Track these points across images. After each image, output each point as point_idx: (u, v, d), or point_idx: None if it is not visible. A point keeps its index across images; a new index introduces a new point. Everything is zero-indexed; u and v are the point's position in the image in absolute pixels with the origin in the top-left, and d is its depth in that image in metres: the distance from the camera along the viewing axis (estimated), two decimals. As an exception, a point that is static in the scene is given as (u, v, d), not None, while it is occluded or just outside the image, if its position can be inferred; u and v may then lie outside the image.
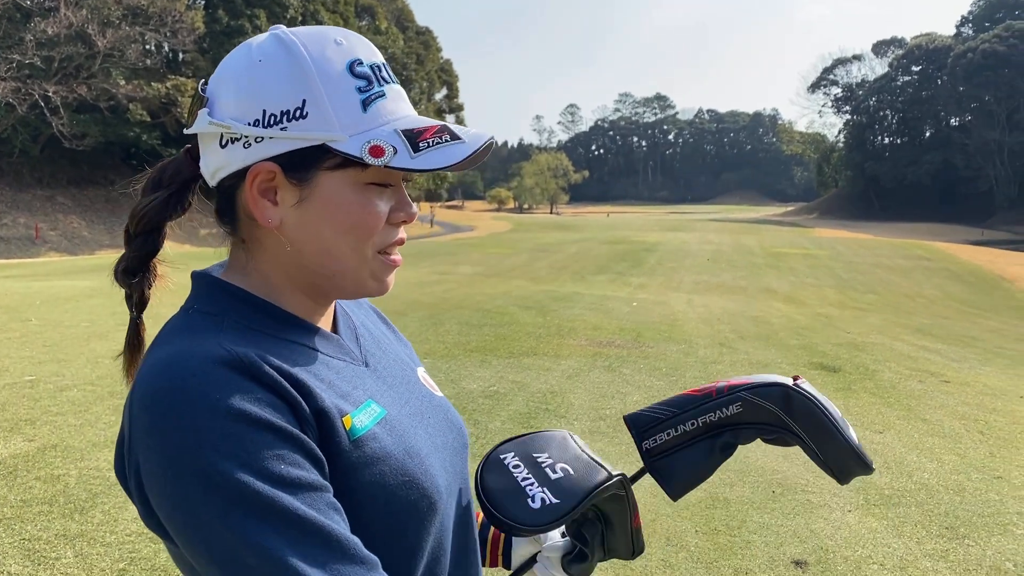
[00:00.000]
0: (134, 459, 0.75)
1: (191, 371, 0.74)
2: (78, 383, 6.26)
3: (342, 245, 0.85)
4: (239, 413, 0.72)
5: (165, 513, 0.73)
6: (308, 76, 0.81)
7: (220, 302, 0.86)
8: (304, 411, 0.78)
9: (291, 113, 0.80)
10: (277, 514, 0.70)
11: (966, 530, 3.99)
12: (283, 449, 0.74)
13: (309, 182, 0.83)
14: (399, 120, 0.84)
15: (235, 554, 0.69)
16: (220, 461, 0.70)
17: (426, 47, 56.67)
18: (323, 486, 0.76)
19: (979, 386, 7.47)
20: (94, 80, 30.75)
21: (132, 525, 3.71)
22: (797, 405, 1.00)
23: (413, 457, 0.86)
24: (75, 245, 30.22)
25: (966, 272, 23.54)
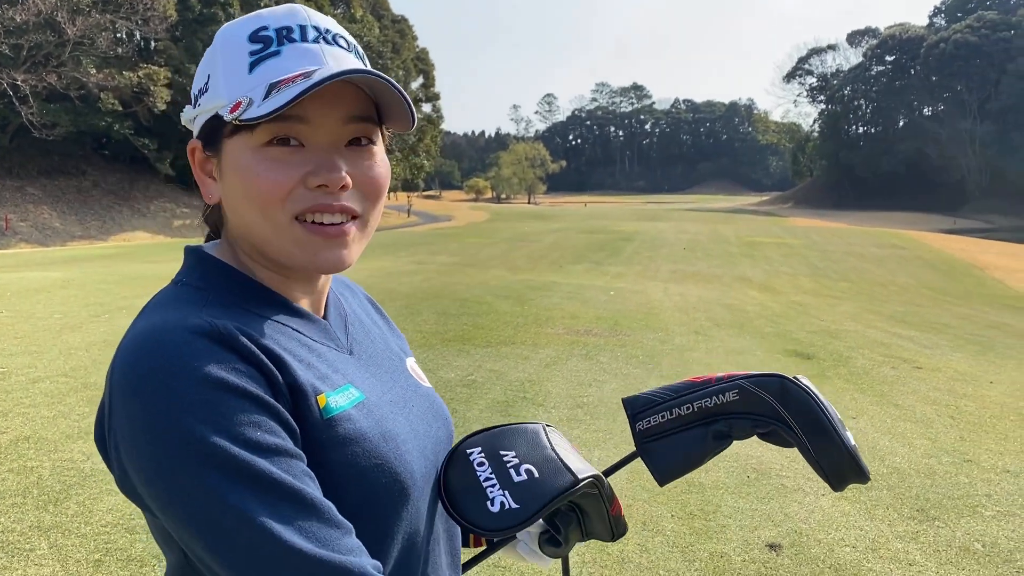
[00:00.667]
0: (114, 426, 0.75)
1: (170, 340, 0.75)
2: (51, 375, 6.19)
3: (252, 212, 0.83)
4: (216, 380, 0.73)
5: (143, 478, 0.73)
6: (214, 52, 0.86)
7: (208, 277, 0.87)
8: (279, 383, 0.78)
9: (203, 88, 0.86)
10: (253, 477, 0.71)
11: (936, 512, 4.06)
12: (259, 416, 0.74)
13: (219, 152, 0.85)
14: (283, 73, 0.80)
15: (211, 516, 0.70)
16: (197, 426, 0.70)
17: (402, 36, 56.30)
18: (298, 454, 0.76)
19: (950, 372, 7.59)
20: (64, 69, 30.26)
21: (107, 516, 3.69)
22: (794, 397, 0.99)
23: (389, 442, 0.85)
24: (46, 236, 29.80)
25: (938, 260, 23.84)
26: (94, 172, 35.77)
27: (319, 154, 0.82)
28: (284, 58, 0.81)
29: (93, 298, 10.33)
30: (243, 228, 0.86)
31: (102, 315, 8.99)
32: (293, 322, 0.89)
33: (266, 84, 0.79)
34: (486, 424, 5.33)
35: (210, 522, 0.70)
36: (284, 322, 0.87)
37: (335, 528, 0.74)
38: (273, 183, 0.80)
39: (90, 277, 13.10)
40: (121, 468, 0.76)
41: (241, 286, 0.87)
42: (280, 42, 0.82)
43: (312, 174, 0.81)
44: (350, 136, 0.84)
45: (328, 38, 0.85)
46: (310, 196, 0.82)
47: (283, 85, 0.78)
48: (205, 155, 0.87)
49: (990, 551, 3.64)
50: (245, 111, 0.78)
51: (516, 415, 5.46)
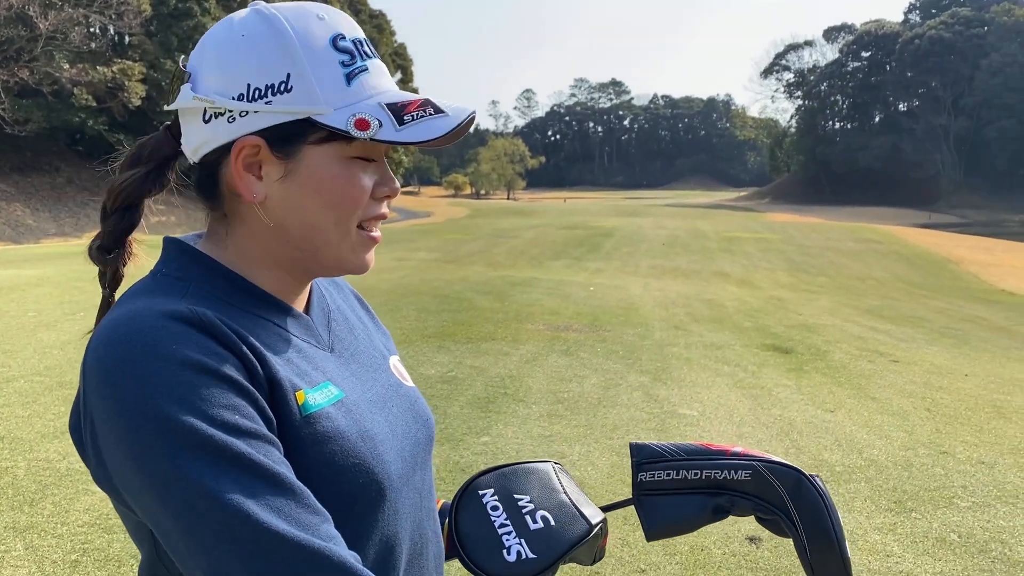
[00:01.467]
0: (88, 412, 0.74)
1: (146, 325, 0.74)
2: (25, 374, 6.11)
3: (326, 219, 0.85)
4: (194, 363, 0.72)
5: (117, 462, 0.72)
6: (292, 50, 0.81)
7: (188, 269, 0.86)
8: (259, 374, 0.78)
9: (276, 87, 0.80)
10: (230, 459, 0.70)
11: (913, 504, 4.11)
12: (237, 400, 0.73)
13: (294, 156, 0.83)
14: (382, 94, 0.84)
15: (187, 499, 0.68)
16: (173, 407, 0.69)
17: (380, 31, 56.06)
18: (275, 441, 0.75)
19: (926, 365, 7.68)
20: (36, 64, 29.84)
21: (84, 516, 3.64)
22: (806, 496, 0.98)
23: (367, 441, 0.84)
24: (19, 233, 29.42)
25: (914, 255, 24.11)
26: (68, 168, 35.33)
27: (382, 168, 0.89)
28: (373, 75, 0.85)
29: (68, 296, 10.21)
30: (301, 232, 0.86)
31: (77, 313, 8.88)
32: (274, 317, 0.88)
33: (378, 103, 0.82)
34: (467, 420, 5.32)
35: (186, 504, 0.68)
36: (265, 316, 0.86)
37: (315, 514, 0.73)
38: (361, 193, 0.85)
39: (64, 275, 12.94)
40: (97, 456, 0.74)
41: (223, 279, 0.86)
42: (361, 56, 0.85)
43: (382, 184, 0.88)
44: (391, 150, 0.90)
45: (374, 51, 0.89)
46: (374, 206, 0.88)
47: (410, 112, 0.82)
48: (273, 156, 0.83)
49: (966, 542, 3.69)
50: (378, 132, 0.80)
51: (496, 411, 5.46)
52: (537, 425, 5.18)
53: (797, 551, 0.99)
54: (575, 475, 4.27)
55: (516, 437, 4.92)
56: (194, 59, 0.85)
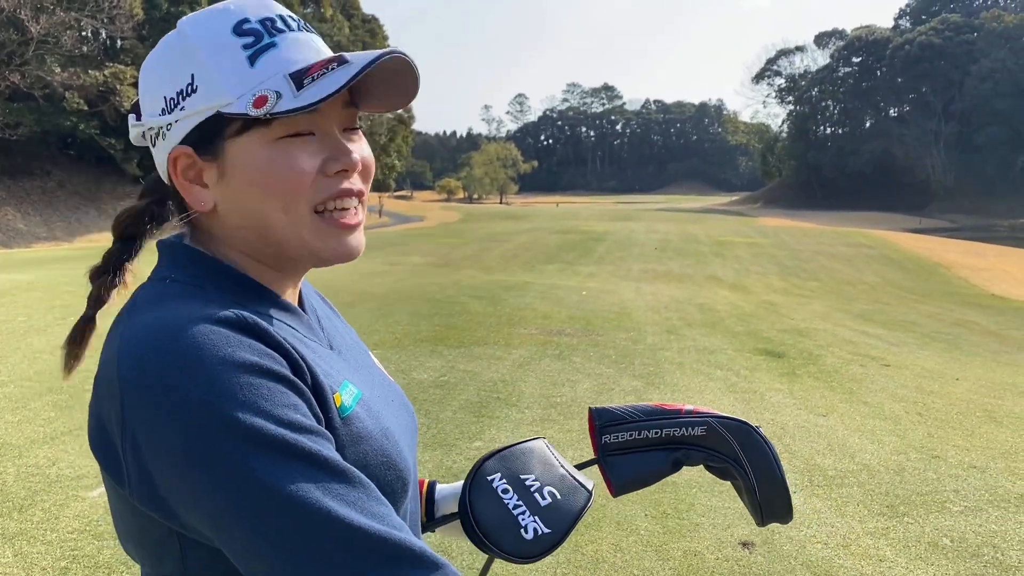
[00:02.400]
0: (129, 424, 0.71)
1: (193, 329, 0.72)
2: (15, 379, 6.08)
3: (272, 209, 0.81)
4: (250, 364, 0.71)
5: (174, 473, 0.69)
6: (192, 50, 0.80)
7: (199, 274, 0.84)
8: (306, 375, 0.77)
9: (184, 91, 0.80)
10: (300, 457, 0.69)
11: (905, 508, 4.11)
12: (296, 399, 0.73)
13: (220, 154, 0.81)
14: (291, 64, 0.79)
15: (264, 501, 0.67)
16: (237, 410, 0.68)
17: (372, 35, 56.06)
18: (330, 437, 0.75)
19: (917, 369, 7.70)
20: (28, 67, 29.74)
21: (74, 522, 3.62)
22: (755, 447, 1.08)
23: (388, 439, 0.85)
24: (10, 238, 29.28)
25: (905, 259, 24.19)
26: (59, 173, 35.20)
27: (331, 141, 0.82)
28: (284, 49, 0.80)
29: (59, 300, 10.16)
30: (256, 229, 0.83)
31: (68, 318, 8.83)
32: (286, 318, 0.87)
33: (283, 75, 0.78)
34: (460, 425, 5.29)
35: (261, 506, 0.66)
36: (280, 318, 0.86)
37: (383, 505, 0.73)
38: (299, 174, 0.80)
39: (56, 279, 12.88)
40: (141, 470, 0.71)
41: (235, 283, 0.85)
42: (270, 33, 0.80)
43: (331, 160, 0.81)
44: (349, 121, 0.85)
45: (306, 27, 0.84)
46: (329, 183, 0.82)
47: (312, 74, 0.77)
48: (201, 160, 0.82)
49: (958, 546, 3.69)
50: (276, 104, 0.75)
51: (489, 416, 5.45)
52: (530, 430, 5.18)
53: (744, 494, 1.09)
54: (568, 480, 4.27)
55: (509, 442, 4.90)
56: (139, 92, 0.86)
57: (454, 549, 3.45)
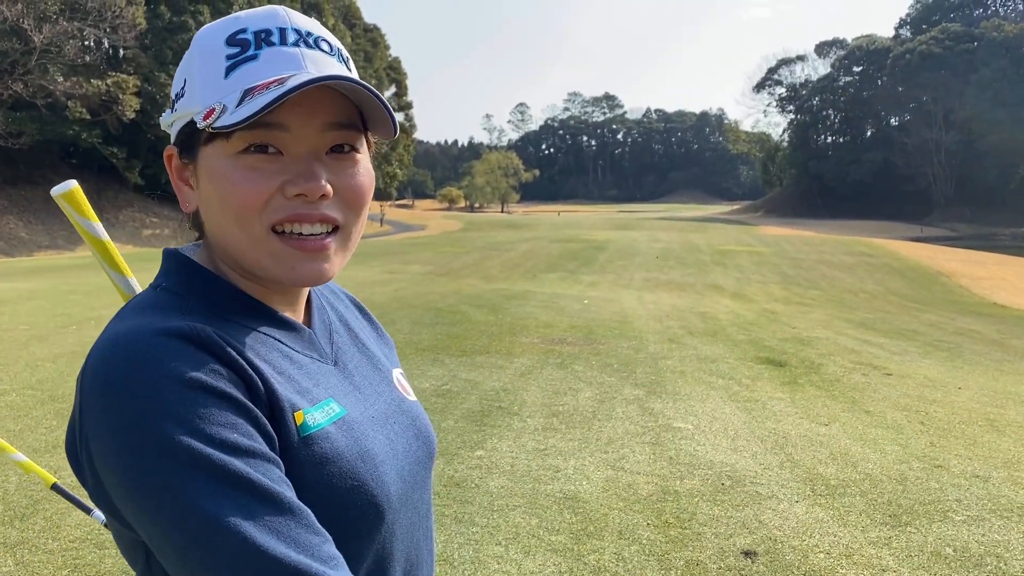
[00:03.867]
0: (86, 431, 0.72)
1: (144, 342, 0.72)
2: (17, 387, 6.08)
3: (228, 222, 0.80)
4: (193, 381, 0.70)
5: (114, 481, 0.70)
6: (192, 55, 0.83)
7: (188, 282, 0.84)
8: (259, 392, 0.76)
9: (179, 94, 0.83)
10: (229, 479, 0.68)
11: (908, 518, 4.10)
12: (236, 418, 0.72)
13: (195, 159, 0.82)
14: (255, 79, 0.77)
15: (185, 519, 0.67)
16: (171, 426, 0.68)
17: (374, 45, 56.24)
18: (275, 460, 0.73)
19: (919, 378, 7.69)
20: (30, 77, 29.86)
21: (75, 531, 3.62)
22: None
23: (366, 462, 0.82)
24: (12, 246, 29.32)
25: (906, 268, 24.19)
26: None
27: (298, 162, 0.79)
28: (261, 62, 0.78)
29: (60, 309, 10.17)
30: (219, 238, 0.83)
31: (70, 326, 8.85)
32: (276, 332, 0.86)
33: (240, 90, 0.76)
34: (462, 434, 5.31)
35: (183, 525, 0.66)
36: (267, 332, 0.84)
37: (315, 535, 0.71)
38: (249, 192, 0.77)
39: (57, 288, 12.90)
40: (94, 475, 0.73)
41: (222, 293, 0.84)
42: (258, 45, 0.79)
43: (290, 183, 0.78)
44: (330, 143, 0.81)
45: (310, 41, 0.82)
46: (288, 205, 0.79)
47: (258, 91, 0.75)
48: (182, 162, 0.84)
49: (961, 556, 3.68)
50: (218, 118, 0.75)
51: (491, 425, 5.45)
52: (532, 439, 5.17)
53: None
54: (569, 489, 4.26)
55: (511, 451, 4.91)
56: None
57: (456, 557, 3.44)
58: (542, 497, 4.16)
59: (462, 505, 4.02)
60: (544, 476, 4.48)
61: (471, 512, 3.94)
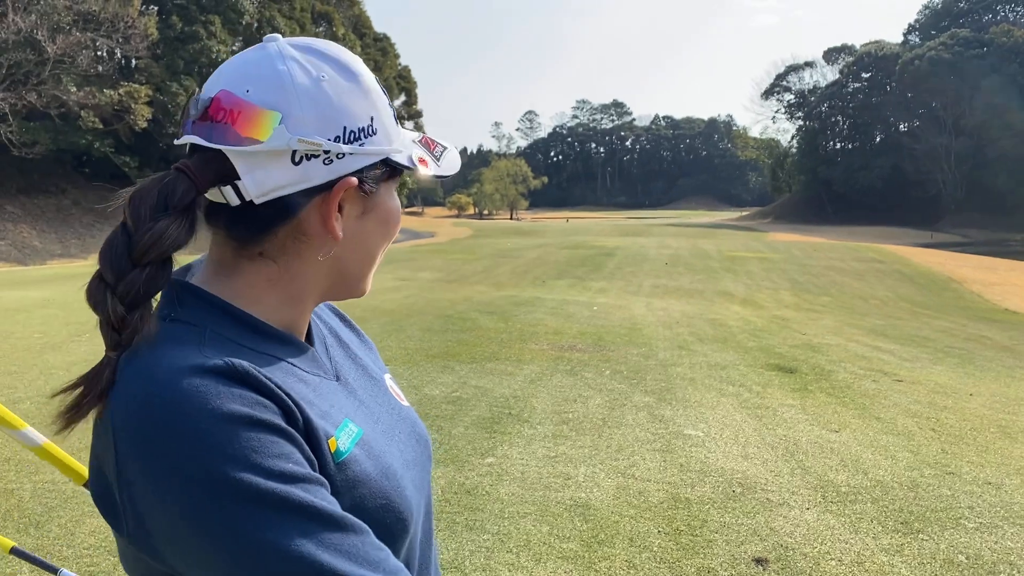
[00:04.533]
0: (126, 477, 0.71)
1: (182, 380, 0.71)
2: (31, 395, 6.13)
3: (380, 248, 0.92)
4: (239, 416, 0.71)
5: (167, 525, 0.69)
6: (370, 92, 0.86)
7: (200, 313, 0.82)
8: (298, 420, 0.76)
9: (366, 130, 0.84)
10: (292, 509, 0.69)
11: (920, 525, 4.09)
12: (288, 447, 0.73)
13: (374, 193, 0.87)
14: (408, 132, 0.92)
15: (256, 557, 0.67)
16: (227, 465, 0.68)
17: (384, 54, 56.42)
18: (324, 483, 0.75)
19: (931, 384, 7.66)
20: (44, 87, 30.07)
21: (89, 539, 3.65)
22: None
23: (390, 479, 0.84)
24: (25, 255, 29.52)
25: (917, 274, 24.10)
26: (74, 190, 35.50)
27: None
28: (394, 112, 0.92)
29: (74, 317, 10.24)
30: (357, 264, 0.91)
31: (83, 335, 8.91)
32: (289, 356, 0.86)
33: (412, 140, 0.91)
34: (472, 441, 5.31)
35: (258, 562, 0.67)
36: (282, 356, 0.84)
37: (380, 550, 0.74)
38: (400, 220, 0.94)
39: (70, 296, 12.97)
40: (138, 520, 0.71)
41: (234, 320, 0.83)
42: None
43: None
44: None
45: None
46: None
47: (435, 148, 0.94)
48: (360, 194, 0.85)
49: (974, 563, 3.67)
50: (432, 168, 0.90)
51: (501, 432, 5.46)
52: (542, 446, 5.18)
53: None
54: (580, 497, 4.27)
55: (521, 458, 4.92)
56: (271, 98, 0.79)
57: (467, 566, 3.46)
58: (553, 504, 4.17)
59: (473, 512, 4.04)
60: (555, 483, 4.49)
61: (482, 519, 3.95)
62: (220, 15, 37.91)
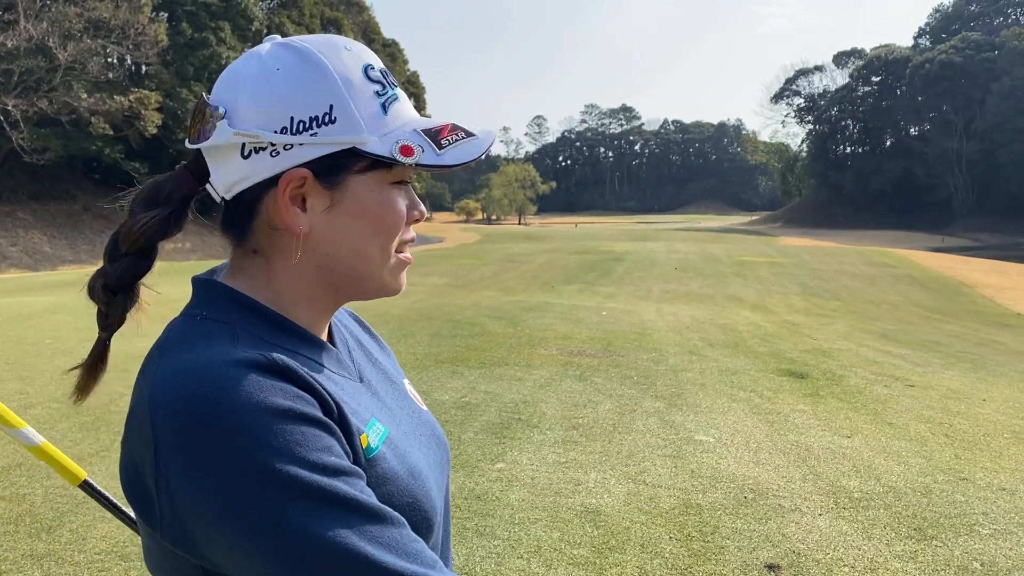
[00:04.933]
0: (164, 470, 0.71)
1: (222, 374, 0.72)
2: (43, 400, 6.15)
3: (372, 246, 0.86)
4: (283, 409, 0.72)
5: (209, 518, 0.70)
6: (331, 82, 0.82)
7: (230, 311, 0.84)
8: (334, 414, 0.78)
9: (320, 119, 0.81)
10: (336, 503, 0.70)
11: (934, 531, 4.06)
12: (330, 441, 0.74)
13: (340, 186, 0.84)
14: (414, 121, 0.87)
15: (301, 549, 0.68)
16: (271, 457, 0.69)
17: (393, 59, 56.62)
18: (363, 475, 0.76)
19: (943, 390, 7.61)
20: (55, 93, 30.29)
21: (101, 544, 3.65)
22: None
23: (416, 478, 0.85)
24: (36, 261, 29.69)
25: (928, 278, 23.99)
26: (84, 196, 35.69)
27: (411, 192, 0.91)
28: (403, 103, 0.88)
29: (84, 323, 10.27)
30: (348, 261, 0.86)
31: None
32: (315, 355, 0.87)
33: (412, 130, 0.85)
34: (482, 446, 5.31)
35: (303, 554, 0.68)
36: (310, 356, 0.86)
37: (416, 541, 0.75)
38: (400, 217, 0.88)
39: (81, 302, 12.90)
40: (174, 513, 0.71)
41: (264, 319, 0.85)
42: (391, 85, 0.88)
43: (412, 208, 0.90)
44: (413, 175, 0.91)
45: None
46: (407, 230, 0.91)
47: (444, 136, 0.86)
48: (319, 186, 0.83)
49: (988, 570, 3.64)
50: (421, 157, 0.83)
51: (511, 437, 5.45)
52: (552, 451, 5.17)
53: None
54: (591, 503, 4.25)
55: (531, 464, 4.91)
56: (224, 95, 0.83)
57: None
58: (563, 510, 4.15)
59: (483, 518, 4.02)
60: (565, 489, 4.47)
61: (492, 525, 3.94)
62: (230, 21, 38.12)
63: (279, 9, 43.31)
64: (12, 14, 28.66)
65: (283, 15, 42.48)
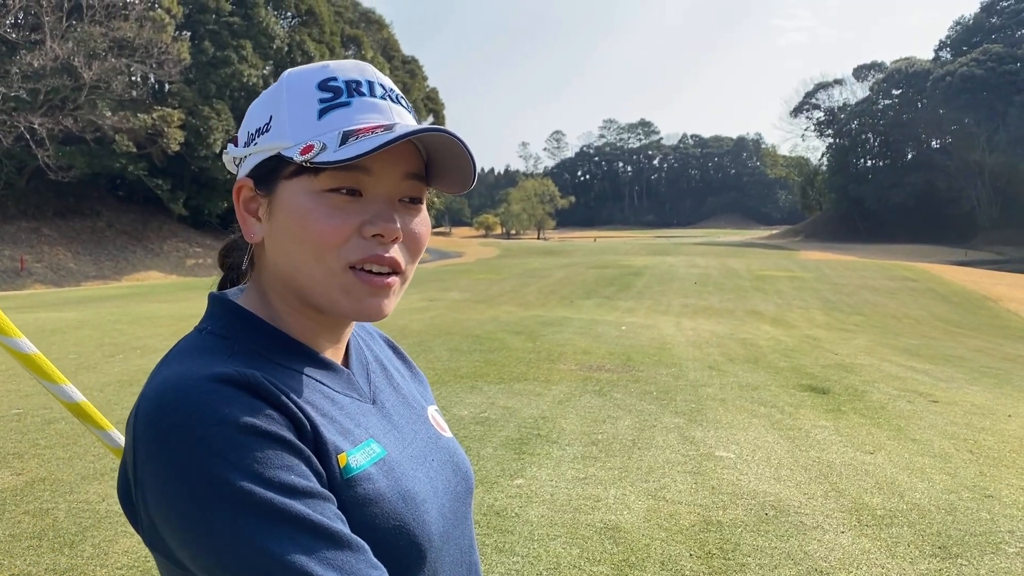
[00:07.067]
0: (140, 478, 0.75)
1: (195, 388, 0.74)
2: (66, 416, 6.20)
3: (303, 256, 0.83)
4: (246, 425, 0.73)
5: (173, 527, 0.72)
6: (279, 96, 0.86)
7: (232, 325, 0.87)
8: (307, 433, 0.78)
9: (261, 129, 0.86)
10: (289, 521, 0.70)
11: (959, 549, 4.00)
12: (291, 459, 0.74)
13: (273, 193, 0.85)
14: (354, 125, 0.82)
15: (250, 563, 0.69)
16: (230, 472, 0.70)
17: (412, 76, 57.02)
18: (329, 497, 0.76)
19: (967, 405, 7.51)
20: (80, 112, 30.77)
21: (123, 559, 3.67)
22: None
23: (408, 502, 0.84)
24: (61, 277, 30.04)
25: (951, 292, 23.72)
26: (108, 213, 36.15)
27: (377, 205, 0.83)
28: (354, 110, 0.84)
29: (107, 338, 10.38)
30: (288, 271, 0.85)
31: (116, 355, 9.03)
32: (317, 373, 0.88)
33: (338, 131, 0.81)
34: (500, 462, 5.30)
35: (248, 567, 0.69)
36: (309, 373, 0.87)
37: (374, 568, 0.74)
38: (332, 228, 0.81)
39: (104, 317, 13.17)
40: (150, 521, 0.75)
41: (266, 336, 0.87)
42: (350, 94, 0.85)
43: (369, 223, 0.82)
44: (406, 192, 0.86)
45: (393, 97, 0.88)
46: (364, 246, 0.83)
47: (360, 134, 0.80)
48: (256, 194, 0.87)
49: (1015, 589, 3.58)
50: (318, 155, 0.79)
51: (530, 453, 5.44)
52: (571, 467, 5.15)
53: None
54: (610, 519, 4.23)
55: (550, 480, 4.89)
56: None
57: None
58: (583, 527, 4.13)
59: (502, 535, 4.01)
60: (584, 505, 4.45)
61: (511, 542, 3.93)
62: (251, 40, 38.58)
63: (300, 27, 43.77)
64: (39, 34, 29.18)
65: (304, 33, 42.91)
